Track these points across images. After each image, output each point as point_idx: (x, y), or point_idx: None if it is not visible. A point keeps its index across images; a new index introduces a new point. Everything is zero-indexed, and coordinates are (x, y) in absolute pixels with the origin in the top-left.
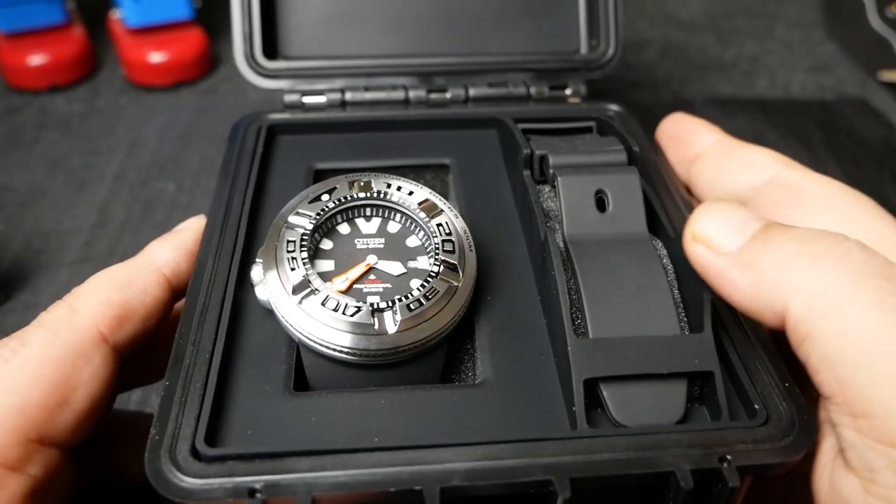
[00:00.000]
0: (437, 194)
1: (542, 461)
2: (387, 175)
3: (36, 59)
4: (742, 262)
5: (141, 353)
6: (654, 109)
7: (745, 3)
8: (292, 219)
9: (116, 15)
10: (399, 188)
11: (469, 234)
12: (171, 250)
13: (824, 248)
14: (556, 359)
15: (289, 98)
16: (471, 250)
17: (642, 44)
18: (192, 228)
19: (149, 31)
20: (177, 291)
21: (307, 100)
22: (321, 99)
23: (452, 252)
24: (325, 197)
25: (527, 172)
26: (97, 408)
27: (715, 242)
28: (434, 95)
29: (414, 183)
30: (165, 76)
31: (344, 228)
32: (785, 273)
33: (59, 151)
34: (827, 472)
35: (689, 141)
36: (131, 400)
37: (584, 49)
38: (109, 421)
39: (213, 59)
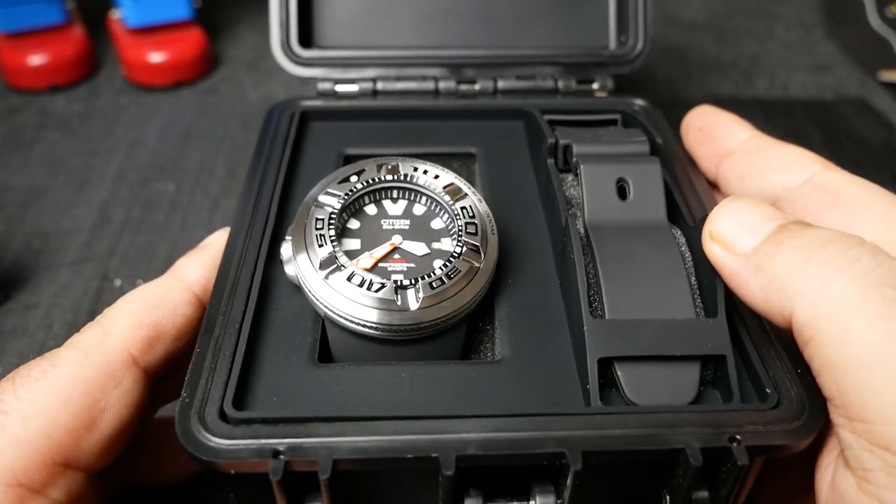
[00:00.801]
0: (461, 179)
1: (555, 434)
2: (413, 159)
3: (36, 59)
4: (754, 265)
5: (171, 370)
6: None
7: (745, 3)
8: (322, 198)
9: (116, 15)
10: (425, 172)
11: (492, 218)
12: (200, 267)
13: (834, 253)
14: (572, 339)
15: (322, 86)
16: (493, 233)
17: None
18: (217, 243)
19: (149, 31)
20: (206, 307)
21: (340, 88)
22: (353, 87)
23: (475, 234)
24: (354, 178)
25: (551, 161)
26: (125, 431)
27: (730, 242)
28: (463, 87)
29: (440, 167)
30: (165, 76)
31: (371, 209)
32: (793, 278)
33: (59, 151)
34: (830, 470)
35: (720, 136)
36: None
37: (612, 44)
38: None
39: (213, 59)
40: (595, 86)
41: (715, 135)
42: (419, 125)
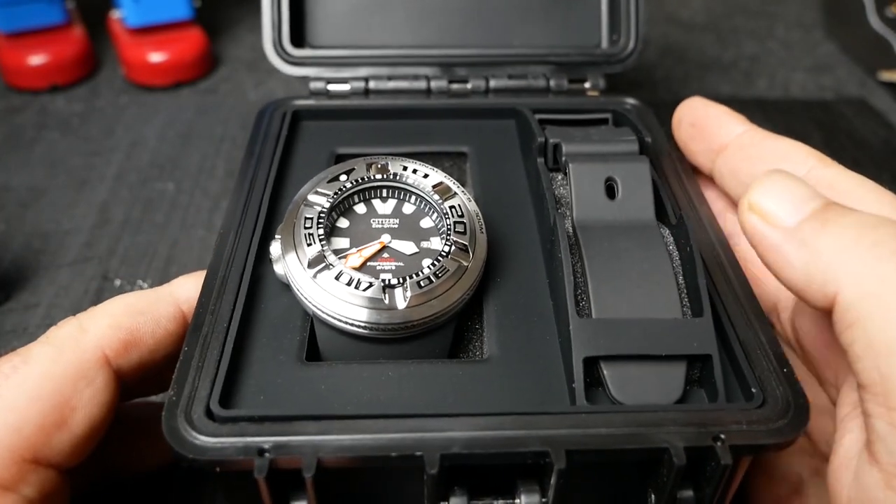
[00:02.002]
0: (451, 178)
1: (540, 433)
2: (403, 158)
3: (36, 59)
4: (798, 239)
5: (143, 381)
6: (654, 108)
7: (744, 3)
8: (311, 197)
9: (116, 15)
10: (415, 171)
11: (481, 217)
12: (195, 287)
13: (886, 236)
14: (559, 338)
15: (314, 85)
16: (482, 232)
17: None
18: None
19: (149, 31)
20: None
21: (332, 87)
22: (345, 87)
23: (464, 233)
24: (343, 177)
25: (541, 160)
26: (96, 430)
27: (772, 215)
28: (455, 86)
29: (429, 167)
30: (165, 76)
31: (360, 208)
32: (842, 256)
33: (59, 151)
34: (853, 466)
35: (713, 130)
36: None
37: (604, 43)
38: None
39: (213, 59)
40: (587, 85)
41: (708, 129)
42: (411, 124)
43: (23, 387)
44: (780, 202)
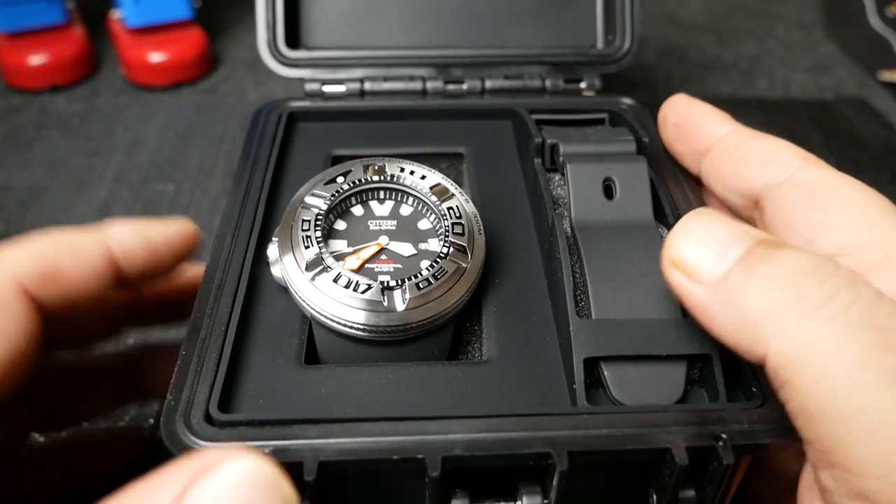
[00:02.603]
0: (448, 179)
1: (541, 434)
2: (400, 160)
3: (36, 59)
4: (723, 295)
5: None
6: (654, 108)
7: (744, 3)
8: (308, 199)
9: (116, 15)
10: (412, 172)
11: (479, 218)
12: (130, 233)
13: (809, 287)
14: (559, 339)
15: (309, 87)
16: (480, 233)
17: (642, 43)
18: (169, 225)
19: (149, 31)
20: (122, 276)
21: (327, 88)
22: (341, 88)
23: (462, 234)
24: (340, 179)
25: (538, 160)
26: (18, 360)
27: (694, 270)
28: (451, 86)
29: (427, 168)
30: (165, 76)
31: (358, 210)
32: (766, 316)
33: (59, 151)
34: (808, 496)
35: (698, 132)
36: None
37: (600, 43)
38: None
39: (213, 59)
40: (583, 85)
41: (692, 130)
42: (407, 125)
43: None
44: (700, 254)
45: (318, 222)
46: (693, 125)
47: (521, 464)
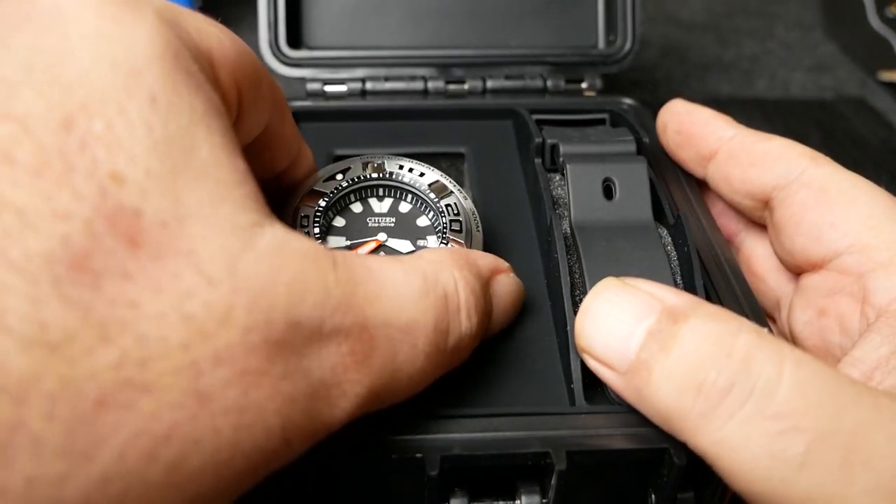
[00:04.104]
0: (447, 177)
1: (540, 434)
2: (400, 157)
3: None
4: (633, 389)
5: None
6: (654, 108)
7: (744, 3)
8: (307, 196)
9: None
10: (411, 170)
11: (477, 216)
12: None
13: (708, 380)
14: (557, 339)
15: (311, 86)
16: (478, 230)
17: (642, 44)
18: None
19: None
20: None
21: (329, 88)
22: (342, 88)
23: (459, 231)
24: (340, 176)
25: (538, 160)
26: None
27: (604, 359)
28: (452, 86)
29: (426, 165)
30: None
31: (357, 207)
32: (672, 413)
33: None
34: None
35: (700, 137)
36: None
37: (601, 44)
38: None
39: None
40: (584, 85)
41: (694, 136)
42: (408, 125)
43: None
44: (606, 343)
45: (317, 219)
46: (695, 131)
47: (520, 463)
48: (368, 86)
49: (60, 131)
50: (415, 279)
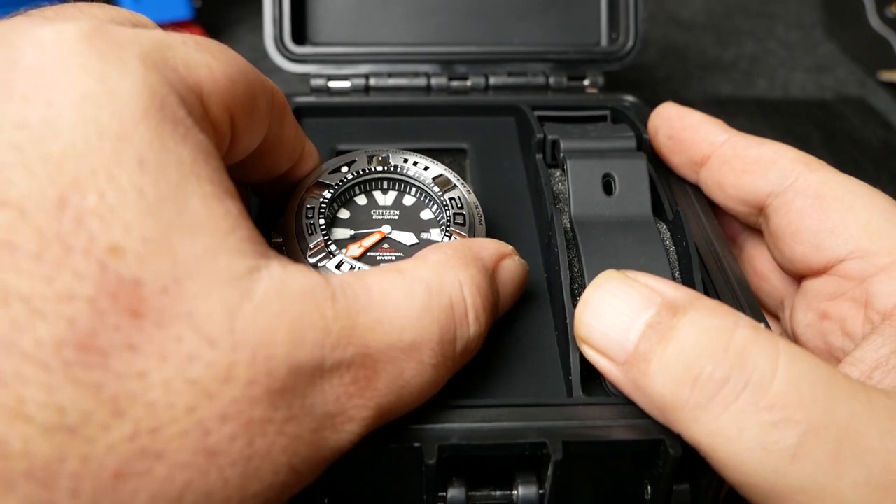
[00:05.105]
0: (451, 170)
1: (537, 424)
2: (404, 151)
3: None
4: (631, 381)
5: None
6: (654, 107)
7: (745, 3)
8: (312, 188)
9: None
10: (415, 163)
11: (480, 209)
12: None
13: (705, 373)
14: (556, 331)
15: (315, 82)
16: (481, 224)
17: (642, 43)
18: None
19: None
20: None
21: (333, 84)
22: (346, 84)
23: (463, 225)
24: (345, 169)
25: (539, 156)
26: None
27: (603, 350)
28: (455, 83)
29: (430, 159)
30: None
31: (361, 199)
32: (669, 404)
33: None
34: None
35: (692, 142)
36: None
37: (604, 41)
38: None
39: None
40: (586, 82)
41: (686, 141)
42: (411, 121)
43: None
44: (605, 334)
45: (322, 211)
46: (687, 136)
47: (517, 453)
48: (372, 82)
49: (55, 212)
50: (418, 293)
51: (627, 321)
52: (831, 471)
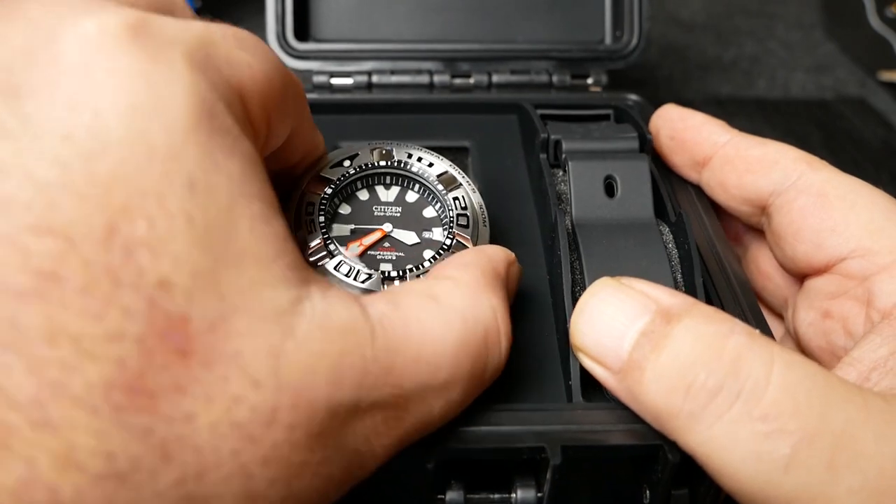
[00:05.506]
0: (456, 167)
1: (535, 429)
2: (409, 145)
3: None
4: (626, 389)
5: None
6: (657, 108)
7: (745, 3)
8: (313, 182)
9: None
10: (419, 159)
11: (485, 209)
12: None
13: (698, 381)
14: (557, 335)
15: (317, 79)
16: (485, 225)
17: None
18: None
19: None
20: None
21: (335, 81)
22: (348, 80)
23: (466, 227)
24: (347, 163)
25: (543, 156)
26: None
27: (599, 358)
28: (458, 81)
29: (435, 154)
30: None
31: (363, 195)
32: (663, 412)
33: None
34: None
35: (694, 143)
36: None
37: (608, 39)
38: None
39: None
40: (589, 81)
41: (688, 142)
42: (413, 118)
43: None
44: (600, 342)
45: (322, 207)
46: (689, 137)
47: (516, 457)
48: (374, 79)
49: (104, 241)
50: (454, 327)
51: (621, 329)
52: (826, 478)
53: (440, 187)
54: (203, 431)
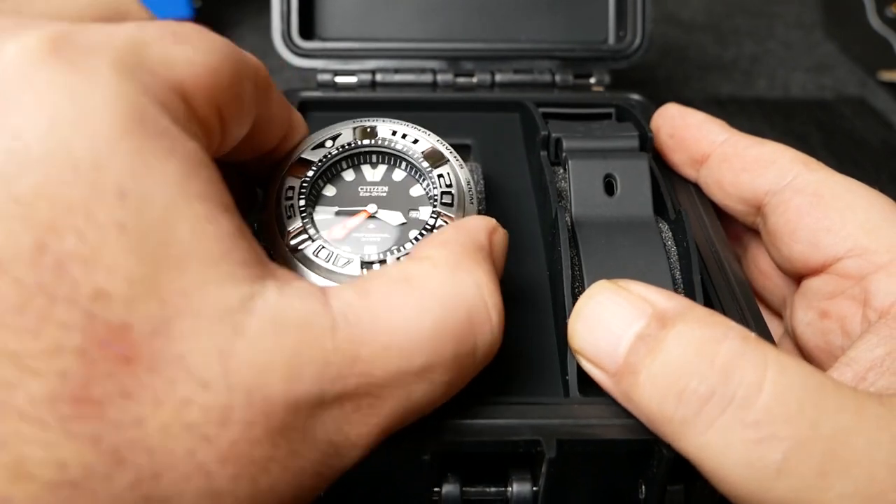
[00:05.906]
0: (443, 142)
1: (532, 422)
2: (394, 121)
3: None
4: (622, 392)
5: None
6: (657, 107)
7: (745, 3)
8: (295, 166)
9: None
10: (404, 136)
11: (473, 186)
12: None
13: (690, 387)
14: (555, 330)
15: (321, 77)
16: (472, 203)
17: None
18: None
19: None
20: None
21: (339, 79)
22: (352, 79)
23: (451, 205)
24: (329, 143)
25: (544, 154)
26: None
27: (596, 361)
28: (461, 79)
29: (421, 130)
30: None
31: (349, 175)
32: (657, 417)
33: None
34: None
35: (693, 141)
36: None
37: (611, 39)
38: None
39: None
40: (592, 80)
41: (687, 140)
42: (416, 116)
43: None
44: (597, 345)
45: (303, 190)
46: (688, 135)
47: (511, 450)
48: (378, 77)
49: (34, 259)
50: (430, 311)
51: (618, 332)
52: (816, 485)
53: (425, 164)
54: (154, 434)
